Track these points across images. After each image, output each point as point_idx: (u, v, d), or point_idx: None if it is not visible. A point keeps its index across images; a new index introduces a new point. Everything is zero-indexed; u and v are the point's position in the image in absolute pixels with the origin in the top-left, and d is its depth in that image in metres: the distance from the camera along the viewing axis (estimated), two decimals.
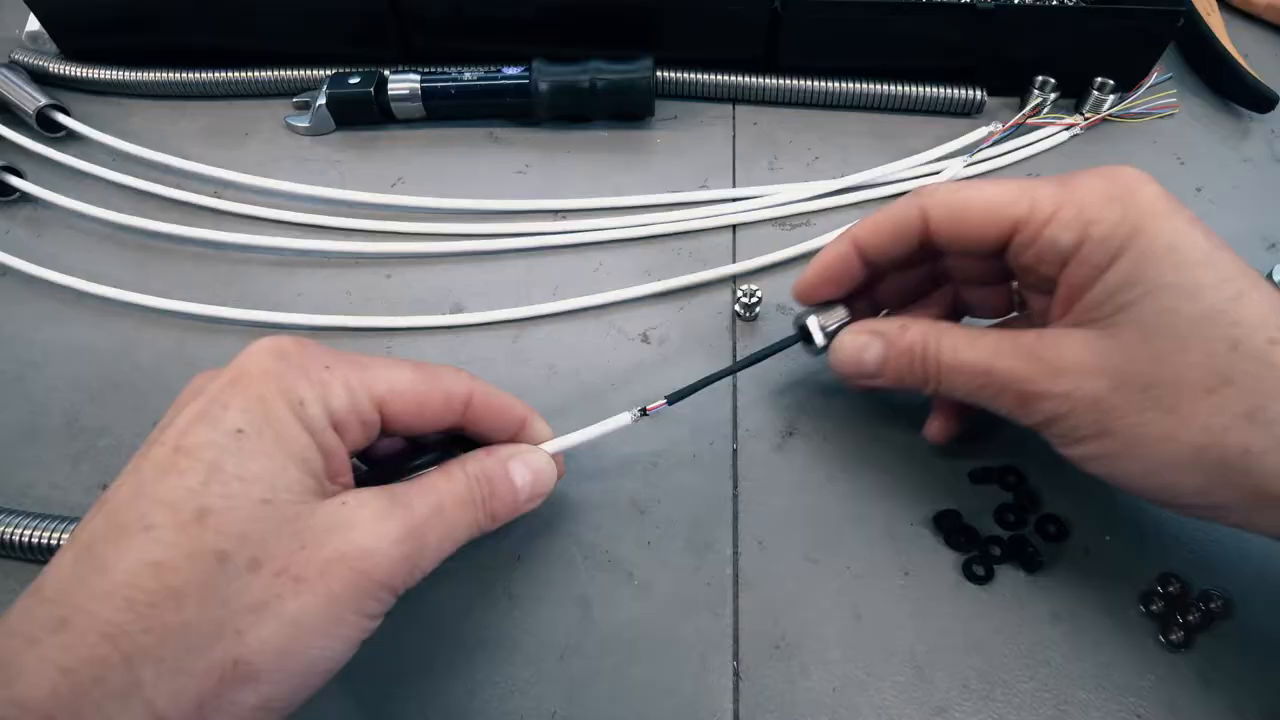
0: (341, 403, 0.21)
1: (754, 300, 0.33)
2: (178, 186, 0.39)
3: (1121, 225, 0.21)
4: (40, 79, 0.43)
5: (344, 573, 0.19)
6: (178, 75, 0.43)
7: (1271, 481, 0.20)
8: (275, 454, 0.19)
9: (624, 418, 0.26)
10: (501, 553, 0.28)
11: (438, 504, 0.21)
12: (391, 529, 0.20)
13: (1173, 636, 0.25)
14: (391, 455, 0.26)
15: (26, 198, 0.39)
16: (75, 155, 0.40)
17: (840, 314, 0.28)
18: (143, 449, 0.20)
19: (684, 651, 0.26)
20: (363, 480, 0.22)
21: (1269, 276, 0.34)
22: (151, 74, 0.43)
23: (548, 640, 0.26)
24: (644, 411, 0.26)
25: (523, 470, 0.24)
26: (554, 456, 0.25)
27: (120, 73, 0.43)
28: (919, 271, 0.28)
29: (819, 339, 0.27)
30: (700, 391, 0.27)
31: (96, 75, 0.43)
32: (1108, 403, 0.21)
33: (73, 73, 0.43)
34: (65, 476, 0.30)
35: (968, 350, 0.24)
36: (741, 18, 0.40)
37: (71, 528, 0.28)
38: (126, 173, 0.39)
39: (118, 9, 0.42)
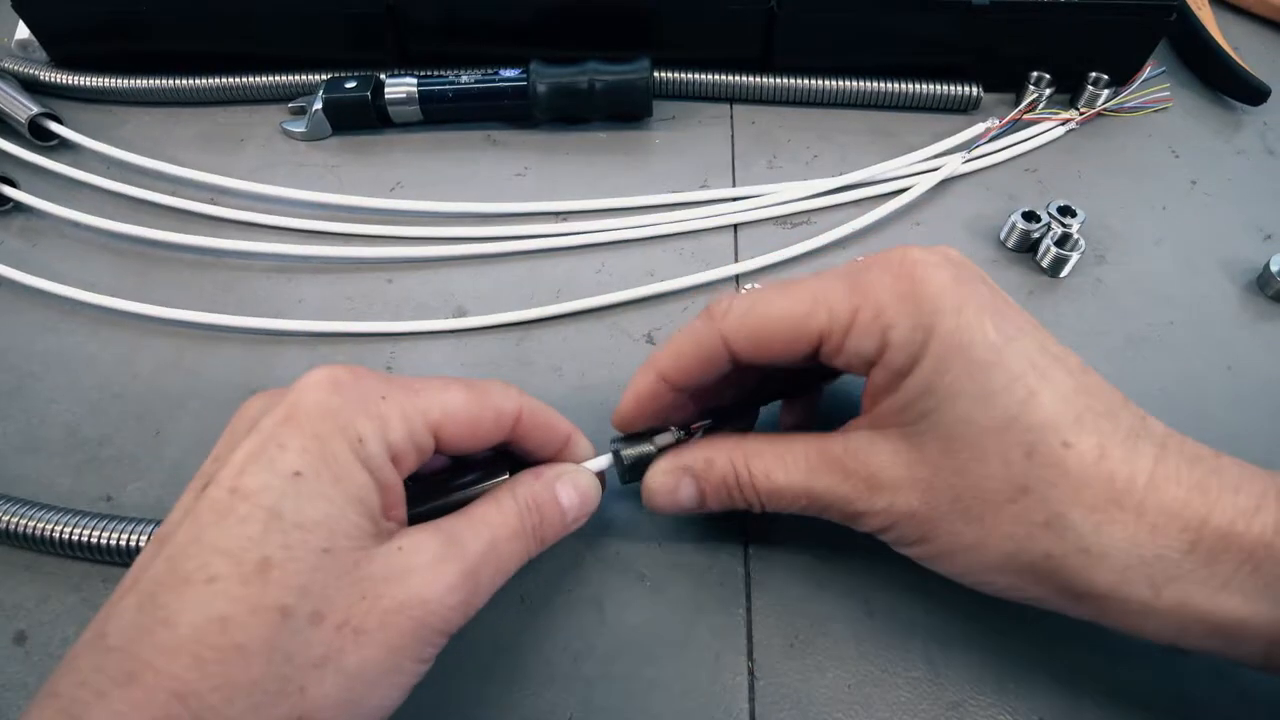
0: (399, 435, 0.20)
1: None
2: (173, 194, 0.39)
3: (916, 330, 0.21)
4: (30, 87, 0.42)
5: (403, 623, 0.19)
6: (171, 82, 0.42)
7: (1075, 582, 0.20)
8: (334, 496, 0.19)
9: (667, 436, 0.26)
10: None
11: (490, 540, 0.21)
12: (448, 574, 0.20)
13: None
14: (436, 470, 0.25)
15: (20, 207, 0.38)
16: (68, 164, 0.40)
17: (646, 449, 0.25)
18: (197, 483, 0.20)
19: (698, 651, 0.26)
20: (408, 497, 0.22)
21: (1267, 266, 0.34)
22: (144, 81, 0.42)
23: (561, 643, 0.26)
24: (688, 432, 0.26)
25: (570, 492, 0.24)
26: (596, 474, 0.25)
27: (112, 80, 0.42)
28: (742, 375, 0.26)
29: (620, 476, 0.26)
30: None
31: (88, 83, 0.42)
32: (922, 515, 0.22)
33: (64, 80, 0.42)
34: (69, 488, 0.30)
35: (781, 474, 0.23)
36: (739, 17, 0.40)
37: (128, 528, 0.27)
38: (121, 181, 0.39)
39: (108, 15, 0.41)
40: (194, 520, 0.18)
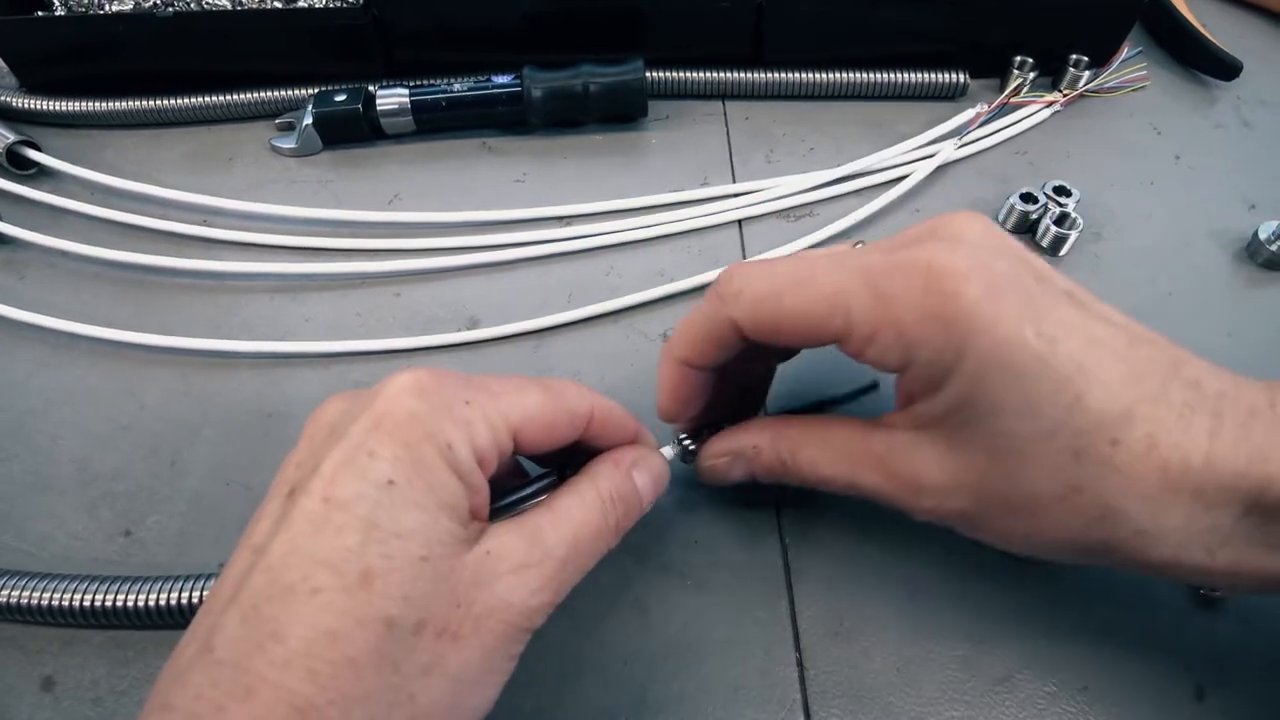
0: (484, 440, 0.20)
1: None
2: (163, 217, 0.38)
3: (945, 350, 0.20)
4: (2, 114, 0.41)
5: (494, 626, 0.19)
6: (151, 102, 0.41)
7: (1133, 558, 0.20)
8: (427, 504, 0.19)
9: (665, 451, 0.26)
10: None
11: (574, 540, 0.21)
12: (533, 579, 0.20)
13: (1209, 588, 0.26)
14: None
15: (3, 240, 0.37)
16: (50, 192, 0.38)
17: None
18: (280, 490, 0.19)
19: (745, 646, 0.26)
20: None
21: (1255, 235, 0.35)
22: (124, 102, 0.41)
23: (609, 648, 0.26)
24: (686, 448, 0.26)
25: (645, 478, 0.24)
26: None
27: (91, 103, 0.41)
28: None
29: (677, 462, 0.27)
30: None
31: (65, 107, 0.41)
32: (972, 513, 0.22)
33: (39, 106, 0.41)
34: (84, 526, 0.29)
35: (825, 466, 0.24)
36: (728, 14, 0.40)
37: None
38: (108, 207, 0.38)
39: (83, 37, 0.40)
40: (289, 530, 0.18)
